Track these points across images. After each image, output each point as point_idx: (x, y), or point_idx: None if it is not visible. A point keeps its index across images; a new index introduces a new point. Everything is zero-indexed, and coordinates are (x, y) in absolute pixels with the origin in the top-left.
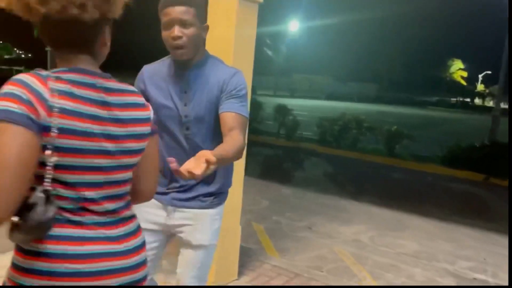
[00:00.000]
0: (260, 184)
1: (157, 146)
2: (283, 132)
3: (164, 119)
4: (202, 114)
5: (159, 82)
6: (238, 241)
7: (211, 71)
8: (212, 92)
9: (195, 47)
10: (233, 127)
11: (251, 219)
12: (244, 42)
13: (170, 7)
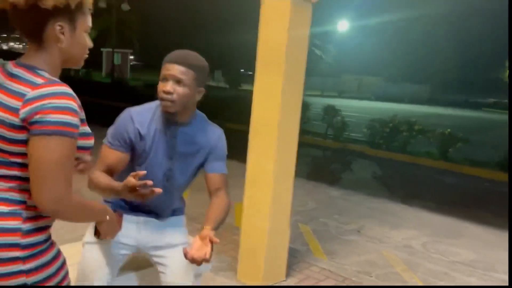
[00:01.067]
0: (307, 185)
1: (47, 152)
2: (331, 133)
3: (147, 168)
4: (184, 170)
5: (148, 131)
6: (287, 242)
7: (198, 131)
8: (197, 152)
9: (183, 106)
10: (220, 187)
11: (298, 220)
12: (297, 42)
13: (171, 64)
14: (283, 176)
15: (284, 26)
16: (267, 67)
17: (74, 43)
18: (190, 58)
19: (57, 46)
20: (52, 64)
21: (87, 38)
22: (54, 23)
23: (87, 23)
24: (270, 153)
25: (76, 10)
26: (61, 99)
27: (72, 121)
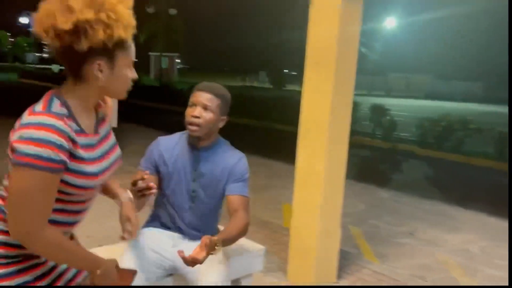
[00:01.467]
0: (356, 187)
1: (18, 184)
2: (379, 132)
3: (173, 190)
4: (208, 191)
5: (173, 156)
6: (337, 243)
7: (220, 155)
8: (219, 174)
9: (208, 130)
10: (238, 208)
11: (347, 222)
12: (347, 41)
13: (200, 92)
14: (334, 177)
15: (334, 24)
16: (317, 66)
17: (114, 79)
18: (217, 88)
19: (95, 82)
20: (84, 97)
21: (129, 71)
22: (92, 62)
23: (128, 58)
24: (320, 154)
25: (115, 48)
26: (41, 130)
27: (45, 154)
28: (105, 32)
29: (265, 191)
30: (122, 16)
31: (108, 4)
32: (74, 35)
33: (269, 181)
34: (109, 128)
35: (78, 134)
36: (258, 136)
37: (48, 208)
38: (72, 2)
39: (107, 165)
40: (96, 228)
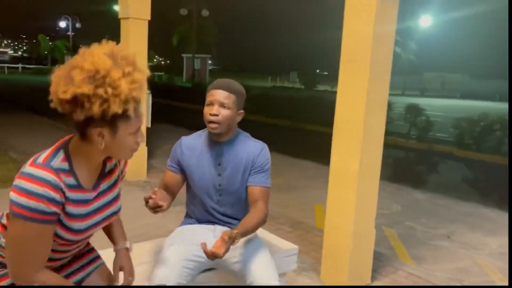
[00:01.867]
0: (390, 188)
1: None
2: (414, 133)
3: (199, 186)
4: (234, 183)
5: (195, 153)
6: (372, 244)
7: (241, 146)
8: (242, 165)
9: (227, 126)
10: (258, 199)
11: (382, 223)
12: (383, 38)
13: (216, 90)
14: (368, 177)
15: (370, 21)
16: (352, 64)
17: (116, 145)
18: (231, 84)
19: (97, 145)
20: (88, 155)
21: (133, 138)
22: (93, 128)
23: (131, 127)
24: (354, 153)
25: (115, 119)
26: (35, 183)
27: (38, 207)
28: (101, 106)
29: (297, 191)
30: (122, 91)
31: (109, 79)
32: (73, 104)
33: (301, 182)
34: (113, 181)
35: (73, 189)
36: (289, 136)
37: (42, 255)
38: (74, 74)
39: (99, 219)
40: (130, 225)
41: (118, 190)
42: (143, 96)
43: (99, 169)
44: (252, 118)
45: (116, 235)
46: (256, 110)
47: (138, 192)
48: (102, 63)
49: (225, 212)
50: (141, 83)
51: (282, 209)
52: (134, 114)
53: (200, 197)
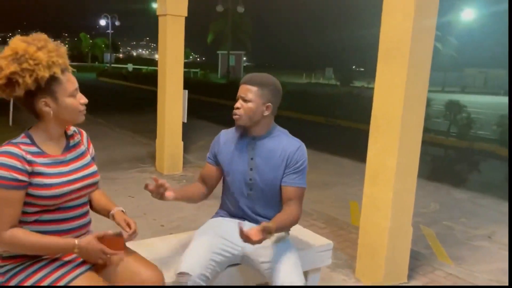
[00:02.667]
0: (428, 186)
1: None
2: (454, 130)
3: (231, 179)
4: (265, 179)
5: (230, 147)
6: (409, 242)
7: (276, 142)
8: (276, 162)
9: (250, 118)
10: (292, 199)
11: (419, 222)
12: (422, 31)
13: (241, 85)
14: (405, 173)
15: (409, 14)
16: (390, 58)
17: (62, 109)
18: (255, 77)
19: (48, 116)
20: (45, 129)
21: (75, 99)
22: (38, 101)
23: (67, 89)
24: (392, 149)
25: (50, 84)
26: (0, 157)
27: (3, 174)
28: (31, 76)
29: (332, 187)
30: (42, 59)
31: (28, 54)
32: (11, 86)
33: (336, 178)
34: (81, 152)
35: (38, 155)
36: (325, 133)
37: (8, 217)
38: (0, 62)
39: (76, 177)
40: (166, 218)
41: (89, 158)
42: (66, 60)
43: (63, 142)
44: (286, 114)
45: (107, 204)
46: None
47: (174, 186)
48: (18, 46)
49: (254, 208)
50: (58, 52)
51: (316, 205)
52: (64, 78)
53: (232, 191)
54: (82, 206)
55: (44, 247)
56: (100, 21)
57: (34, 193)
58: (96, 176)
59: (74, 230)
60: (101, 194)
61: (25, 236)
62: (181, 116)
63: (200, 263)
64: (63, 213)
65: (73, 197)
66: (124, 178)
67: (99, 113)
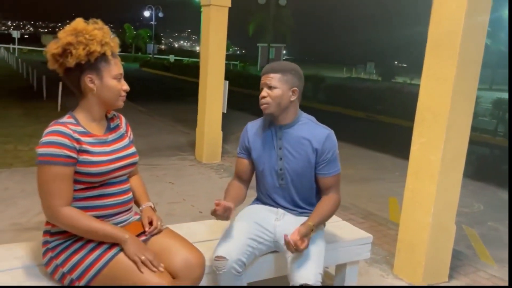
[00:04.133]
0: (472, 186)
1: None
2: (502, 129)
3: (262, 170)
4: (295, 168)
5: (259, 138)
6: (451, 240)
7: (304, 130)
8: (305, 150)
9: (278, 105)
10: (330, 188)
11: (462, 222)
12: (474, 24)
13: (263, 76)
14: (451, 169)
15: (461, 5)
16: (438, 51)
17: (104, 89)
18: (275, 65)
19: (91, 93)
20: (88, 109)
21: (117, 82)
22: (85, 76)
23: (113, 71)
24: (437, 144)
25: (98, 62)
26: (47, 136)
27: (49, 151)
28: (84, 49)
29: (370, 183)
30: (97, 36)
31: (85, 30)
32: (64, 56)
33: (374, 174)
34: (120, 134)
35: (84, 135)
36: (365, 128)
37: (64, 192)
38: (59, 35)
39: (119, 156)
40: (204, 205)
41: (127, 141)
42: (117, 48)
43: (105, 124)
44: (326, 109)
45: (140, 197)
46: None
47: (212, 174)
48: (79, 24)
49: (287, 197)
50: (112, 37)
51: (354, 200)
52: (113, 61)
53: (264, 182)
54: (123, 183)
55: (97, 233)
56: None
57: (81, 170)
58: (136, 156)
59: (116, 205)
60: (138, 183)
61: (82, 218)
62: (221, 106)
63: (237, 248)
64: (106, 189)
65: (116, 175)
66: (165, 165)
67: (141, 101)
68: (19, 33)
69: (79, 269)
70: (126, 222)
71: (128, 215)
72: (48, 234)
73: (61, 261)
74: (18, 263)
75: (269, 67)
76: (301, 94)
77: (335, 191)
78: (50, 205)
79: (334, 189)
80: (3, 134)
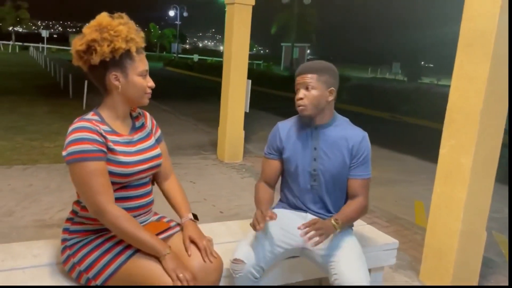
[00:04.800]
0: (502, 191)
1: (73, 178)
2: None
3: (294, 171)
4: (330, 169)
5: (293, 138)
6: (481, 247)
7: (339, 131)
8: (340, 151)
9: (316, 107)
10: (359, 192)
11: (492, 227)
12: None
13: (298, 76)
14: (482, 173)
15: (496, 2)
16: (471, 49)
17: (129, 86)
18: (311, 64)
19: (116, 91)
20: (113, 106)
21: (142, 79)
22: (110, 74)
23: (138, 67)
24: (468, 145)
25: (123, 59)
26: (73, 133)
27: (80, 148)
28: (109, 46)
29: (396, 185)
30: (121, 32)
31: (110, 26)
32: (88, 53)
33: (400, 176)
34: (146, 134)
35: (110, 134)
36: (390, 129)
37: (105, 187)
38: (84, 31)
39: (143, 158)
40: (225, 205)
41: (153, 141)
42: (143, 43)
43: (130, 123)
44: (349, 109)
45: (180, 207)
46: (355, 101)
47: (233, 174)
48: (103, 19)
49: (316, 200)
50: (137, 33)
51: (379, 202)
52: (138, 57)
53: (294, 182)
54: (144, 186)
55: (137, 241)
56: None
57: (109, 168)
58: (160, 159)
59: (135, 209)
60: (175, 188)
61: (129, 221)
62: (244, 105)
63: (257, 252)
64: (127, 191)
65: (139, 177)
66: (186, 164)
67: (164, 100)
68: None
69: (95, 268)
70: (144, 223)
71: (146, 217)
72: (67, 232)
73: (78, 259)
74: (37, 261)
75: (305, 67)
76: (336, 93)
77: (363, 196)
78: (97, 202)
79: (362, 194)
80: (30, 130)
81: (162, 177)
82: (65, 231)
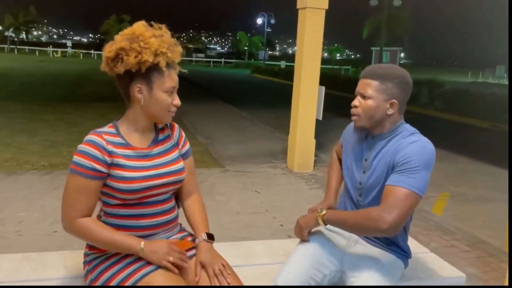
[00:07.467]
0: None
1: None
2: None
3: (346, 181)
4: (375, 184)
5: (351, 142)
6: None
7: (396, 143)
8: (388, 164)
9: (370, 119)
10: (383, 200)
11: None
12: None
13: (360, 80)
14: None
15: None
16: None
17: (153, 101)
18: (376, 69)
19: (139, 104)
20: (133, 119)
21: (168, 96)
22: (134, 85)
23: (165, 83)
24: None
25: (150, 73)
26: (82, 144)
27: (79, 161)
28: (136, 57)
29: (487, 204)
30: (152, 45)
31: (142, 36)
32: (115, 61)
33: (493, 193)
34: (169, 147)
35: (121, 147)
36: (488, 139)
37: (82, 204)
38: (116, 38)
39: (159, 173)
40: (290, 217)
41: (176, 154)
42: (176, 58)
43: (152, 135)
44: (442, 116)
45: (197, 227)
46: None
47: (301, 184)
48: (138, 28)
49: None
50: (171, 46)
51: (462, 223)
52: (166, 72)
53: (348, 195)
54: (164, 202)
55: (112, 244)
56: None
57: (113, 185)
58: (182, 173)
59: (156, 226)
60: (196, 207)
61: (94, 229)
62: (315, 112)
63: (299, 278)
64: (144, 209)
65: (154, 193)
66: (254, 172)
67: (245, 107)
68: None
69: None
70: None
71: (168, 234)
72: (87, 246)
73: (95, 275)
74: (68, 272)
75: (369, 71)
76: (404, 106)
77: (385, 206)
78: (66, 215)
79: (386, 203)
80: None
81: (184, 193)
82: (86, 246)
